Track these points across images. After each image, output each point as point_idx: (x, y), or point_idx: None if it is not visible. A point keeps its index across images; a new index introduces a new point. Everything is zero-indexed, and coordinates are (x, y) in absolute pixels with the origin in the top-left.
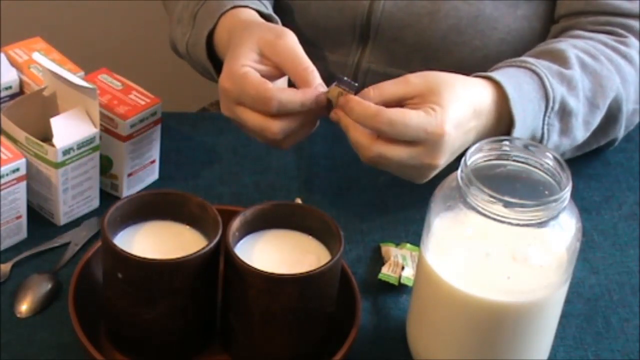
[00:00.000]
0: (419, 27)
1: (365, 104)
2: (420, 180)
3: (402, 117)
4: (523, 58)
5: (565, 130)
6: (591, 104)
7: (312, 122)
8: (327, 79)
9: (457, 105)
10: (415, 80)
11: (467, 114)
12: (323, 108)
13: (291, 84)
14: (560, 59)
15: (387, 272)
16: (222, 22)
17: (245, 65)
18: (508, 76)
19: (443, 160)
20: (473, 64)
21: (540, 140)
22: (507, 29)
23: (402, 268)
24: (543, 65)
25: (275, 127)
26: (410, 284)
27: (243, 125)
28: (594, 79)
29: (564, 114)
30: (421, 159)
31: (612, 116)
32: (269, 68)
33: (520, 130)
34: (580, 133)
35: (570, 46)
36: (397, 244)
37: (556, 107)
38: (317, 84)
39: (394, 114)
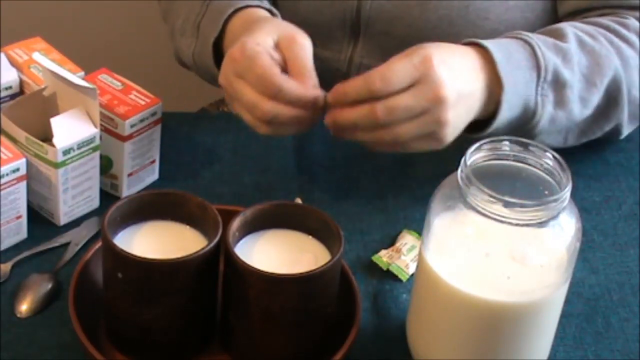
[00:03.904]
0: (409, 18)
1: (349, 81)
2: (443, 127)
3: (388, 66)
4: (518, 31)
5: (560, 102)
6: (587, 80)
7: (306, 123)
8: (321, 76)
9: (442, 49)
10: (398, 55)
11: (457, 61)
12: (320, 110)
13: None
14: (556, 34)
15: (380, 256)
16: (230, 26)
17: (260, 45)
18: (497, 44)
19: (449, 91)
20: None
21: (535, 111)
22: (499, 19)
23: (400, 257)
24: (538, 38)
25: (267, 106)
26: (398, 274)
27: (237, 97)
28: (591, 57)
29: (558, 84)
30: (426, 95)
31: (612, 98)
32: (278, 58)
33: (511, 96)
34: (577, 107)
35: (569, 25)
36: (419, 235)
37: (549, 77)
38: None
39: (381, 69)
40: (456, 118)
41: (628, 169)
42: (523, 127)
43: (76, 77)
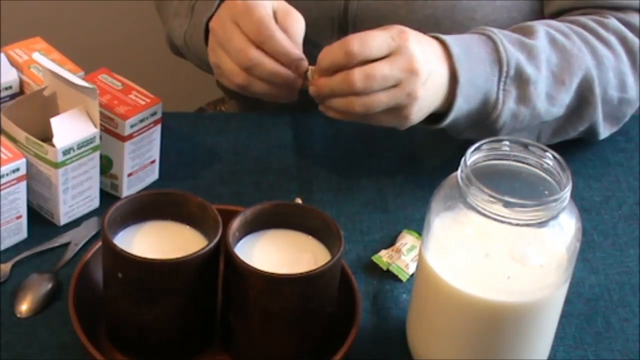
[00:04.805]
0: (395, 18)
1: (329, 46)
2: (412, 101)
3: (367, 33)
4: (484, 26)
5: (523, 98)
6: (556, 78)
7: (282, 89)
8: None
9: (414, 31)
10: (375, 29)
11: (426, 46)
12: (300, 76)
13: None
14: (526, 31)
15: (380, 256)
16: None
17: (263, 5)
18: (457, 38)
19: (422, 65)
20: None
21: (495, 105)
22: (486, 20)
23: (400, 257)
24: (502, 33)
25: (253, 52)
26: (398, 274)
27: (224, 41)
28: (562, 55)
29: (521, 81)
30: (401, 66)
31: (583, 98)
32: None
33: (468, 88)
34: (542, 105)
35: (543, 24)
36: (419, 235)
37: (511, 72)
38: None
39: (359, 34)
40: (424, 96)
41: (628, 169)
42: (484, 121)
43: (76, 77)
